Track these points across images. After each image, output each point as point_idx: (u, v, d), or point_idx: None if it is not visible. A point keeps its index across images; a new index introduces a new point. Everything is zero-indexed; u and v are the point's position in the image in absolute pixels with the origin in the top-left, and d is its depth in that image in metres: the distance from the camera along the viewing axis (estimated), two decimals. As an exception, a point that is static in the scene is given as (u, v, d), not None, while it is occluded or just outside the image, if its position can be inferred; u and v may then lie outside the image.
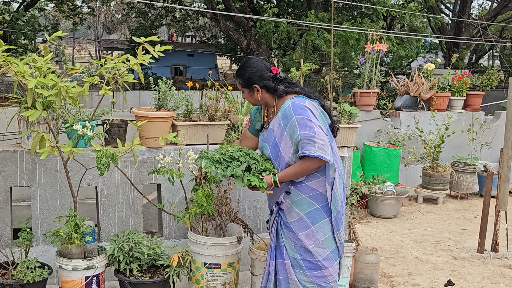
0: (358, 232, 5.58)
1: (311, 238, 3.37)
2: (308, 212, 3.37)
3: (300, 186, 3.38)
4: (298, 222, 3.39)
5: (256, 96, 3.48)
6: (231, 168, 3.37)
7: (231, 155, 3.41)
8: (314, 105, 3.41)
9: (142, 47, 3.96)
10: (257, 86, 3.44)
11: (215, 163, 3.41)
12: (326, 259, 3.39)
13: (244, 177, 3.36)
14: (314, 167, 3.30)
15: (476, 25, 20.96)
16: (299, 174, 3.34)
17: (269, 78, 3.44)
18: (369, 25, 15.29)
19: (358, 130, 5.28)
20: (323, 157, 3.20)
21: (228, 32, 18.21)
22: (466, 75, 8.77)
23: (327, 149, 3.22)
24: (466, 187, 8.16)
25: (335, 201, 3.37)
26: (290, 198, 3.42)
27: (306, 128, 3.23)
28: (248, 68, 3.47)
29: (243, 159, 3.41)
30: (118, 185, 4.50)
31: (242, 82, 3.50)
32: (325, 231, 3.38)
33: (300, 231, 3.38)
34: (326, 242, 3.39)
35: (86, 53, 56.59)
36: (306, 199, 3.37)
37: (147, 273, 4.04)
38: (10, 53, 3.81)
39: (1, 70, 3.63)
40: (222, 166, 3.39)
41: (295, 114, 3.28)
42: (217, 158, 3.41)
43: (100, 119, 4.49)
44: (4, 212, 4.28)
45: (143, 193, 4.50)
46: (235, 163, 3.39)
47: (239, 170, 3.35)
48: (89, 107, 8.76)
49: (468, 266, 5.53)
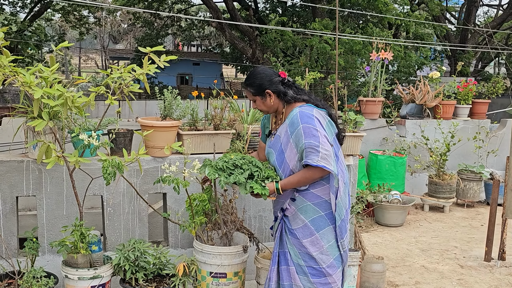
0: (364, 241, 5.57)
1: (316, 245, 3.38)
2: (313, 219, 3.38)
3: (305, 193, 3.40)
4: (303, 228, 3.40)
5: (269, 102, 3.50)
6: (234, 175, 3.42)
7: (234, 163, 3.47)
8: (321, 114, 3.42)
9: (147, 57, 3.98)
10: (269, 91, 3.46)
11: (219, 170, 3.47)
12: (330, 266, 3.40)
13: (247, 184, 3.40)
14: (317, 176, 3.31)
15: (481, 32, 20.94)
16: (302, 183, 3.36)
17: (278, 83, 3.47)
18: (374, 33, 15.32)
19: (364, 138, 5.28)
20: (326, 167, 3.21)
21: (234, 41, 18.28)
22: (472, 83, 8.76)
23: (330, 159, 3.23)
24: (473, 195, 8.13)
25: (340, 210, 3.38)
26: (295, 204, 3.43)
27: (311, 137, 3.24)
28: (257, 75, 3.50)
29: (246, 167, 3.46)
30: (124, 195, 4.51)
31: (253, 90, 3.52)
32: (329, 238, 3.39)
33: (305, 238, 3.40)
34: (330, 249, 3.40)
35: (93, 63, 56.89)
36: (311, 206, 3.38)
37: (152, 283, 4.04)
38: (17, 63, 3.85)
39: (8, 81, 3.66)
40: (226, 173, 3.45)
41: (302, 122, 3.29)
42: (220, 166, 3.48)
43: (106, 129, 4.51)
44: (11, 222, 4.29)
45: (148, 202, 4.51)
46: (238, 171, 3.45)
47: (242, 178, 3.40)
48: (95, 116, 8.81)
49: (475, 274, 5.50)
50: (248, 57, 19.04)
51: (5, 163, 4.21)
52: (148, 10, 22.00)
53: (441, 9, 19.90)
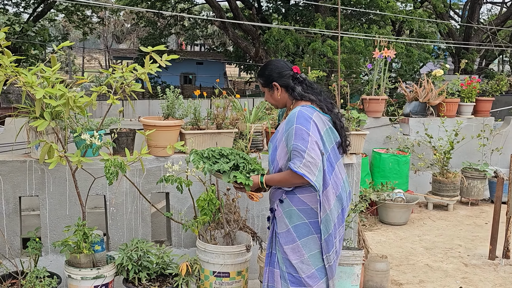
0: (368, 240, 5.56)
1: (296, 253, 3.26)
2: (296, 226, 3.26)
3: (292, 196, 3.28)
4: (286, 234, 3.29)
5: (276, 95, 3.42)
6: (218, 164, 3.43)
7: (220, 152, 3.50)
8: (322, 119, 3.30)
9: (149, 56, 3.98)
10: (277, 84, 3.38)
11: (204, 158, 3.48)
12: (310, 277, 3.26)
13: (230, 173, 3.41)
14: (296, 181, 3.19)
15: (485, 30, 20.88)
16: (283, 183, 3.27)
17: (289, 77, 3.37)
18: (377, 30, 15.29)
19: (367, 137, 5.27)
20: (305, 175, 3.08)
21: (237, 40, 18.28)
22: (475, 81, 8.73)
23: (314, 168, 3.09)
24: (477, 193, 8.11)
25: (327, 224, 3.22)
26: (282, 207, 3.32)
27: (300, 140, 3.13)
28: (268, 66, 3.45)
29: (232, 157, 3.47)
30: (127, 194, 4.51)
31: (262, 81, 3.47)
32: (311, 247, 3.25)
33: (286, 244, 3.28)
34: (312, 259, 3.26)
35: (96, 63, 56.97)
36: (296, 211, 3.26)
37: (155, 282, 4.04)
38: (20, 64, 3.85)
39: (10, 81, 3.66)
40: (211, 161, 3.46)
41: (297, 122, 3.17)
42: (206, 154, 3.50)
43: (108, 128, 4.51)
44: (14, 222, 4.29)
45: (151, 201, 4.51)
46: (224, 160, 3.46)
47: (226, 166, 3.41)
48: (98, 116, 8.81)
49: (479, 273, 5.48)
50: (251, 56, 19.04)
51: (8, 163, 4.21)
52: (151, 9, 22.02)
53: (445, 6, 19.85)
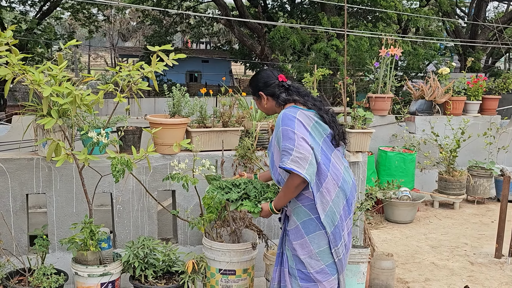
0: (374, 238, 5.56)
1: (305, 248, 3.30)
2: (304, 222, 3.30)
3: (297, 194, 3.32)
4: (295, 230, 3.34)
5: (263, 104, 3.55)
6: (229, 194, 3.63)
7: (233, 182, 3.71)
8: (307, 115, 3.35)
9: (156, 55, 3.99)
10: (262, 93, 3.51)
11: (218, 188, 3.70)
12: (319, 272, 3.29)
13: (238, 202, 3.59)
14: (297, 182, 3.18)
15: (492, 28, 20.79)
16: (287, 194, 3.28)
17: (274, 86, 3.48)
18: (383, 29, 15.26)
19: (373, 135, 5.26)
20: (294, 170, 3.10)
21: (242, 38, 18.28)
22: (482, 79, 8.70)
23: (303, 162, 3.11)
24: (483, 192, 8.08)
25: (332, 215, 3.26)
26: (290, 205, 3.39)
27: (287, 139, 3.18)
28: (256, 77, 3.58)
29: (243, 186, 3.66)
30: (133, 192, 4.52)
31: (251, 90, 3.62)
32: (320, 243, 3.28)
33: (295, 240, 3.33)
34: (321, 255, 3.30)
35: (102, 61, 57.05)
36: (302, 208, 3.31)
37: (162, 280, 4.05)
38: (27, 62, 3.86)
39: (17, 79, 3.67)
40: (223, 191, 3.67)
41: (282, 124, 3.25)
42: (220, 185, 3.72)
43: (114, 126, 4.52)
44: (21, 219, 4.31)
45: (157, 199, 4.52)
46: (235, 190, 3.65)
47: (235, 195, 3.59)
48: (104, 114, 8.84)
49: (485, 271, 5.47)
50: (257, 54, 19.03)
51: (15, 161, 4.24)
52: (157, 7, 22.03)
53: (451, 4, 19.78)
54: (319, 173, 3.23)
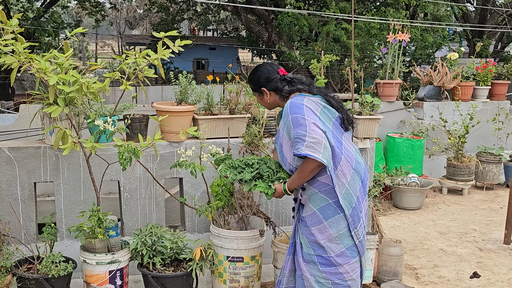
0: (382, 224, 5.54)
1: (324, 233, 3.31)
2: (321, 207, 3.31)
3: (312, 181, 3.33)
4: (312, 216, 3.34)
5: (266, 99, 3.58)
6: (242, 173, 3.55)
7: (246, 162, 3.61)
8: (314, 101, 3.37)
9: (162, 42, 3.97)
10: (265, 89, 3.53)
11: (230, 168, 3.62)
12: (340, 256, 3.30)
13: (251, 183, 3.52)
14: (311, 166, 3.20)
15: (501, 12, 20.57)
16: (302, 177, 3.30)
17: (276, 80, 3.51)
18: (391, 14, 15.13)
19: (381, 121, 5.23)
20: (310, 155, 3.10)
21: (250, 25, 18.18)
22: (491, 64, 8.62)
23: (318, 146, 3.11)
24: (492, 178, 8.04)
25: (349, 197, 3.28)
26: (305, 193, 3.39)
27: (299, 126, 3.19)
28: (256, 73, 3.59)
29: (256, 166, 3.57)
30: (141, 180, 4.53)
31: (252, 87, 3.63)
32: (339, 227, 3.29)
33: (313, 225, 3.33)
34: (341, 238, 3.30)
35: (109, 49, 57.08)
36: (319, 194, 3.31)
37: (170, 267, 4.06)
38: (34, 50, 3.85)
39: (24, 67, 3.67)
40: (236, 171, 3.59)
41: (291, 113, 3.26)
42: (232, 164, 3.64)
43: (121, 114, 4.52)
44: (29, 208, 4.33)
45: (165, 187, 4.52)
46: (249, 169, 3.57)
47: (248, 176, 3.52)
48: (111, 102, 8.84)
49: (494, 257, 5.46)
50: (264, 41, 18.92)
51: (22, 150, 4.24)
52: (164, -5, 21.93)
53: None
54: (333, 156, 3.24)
